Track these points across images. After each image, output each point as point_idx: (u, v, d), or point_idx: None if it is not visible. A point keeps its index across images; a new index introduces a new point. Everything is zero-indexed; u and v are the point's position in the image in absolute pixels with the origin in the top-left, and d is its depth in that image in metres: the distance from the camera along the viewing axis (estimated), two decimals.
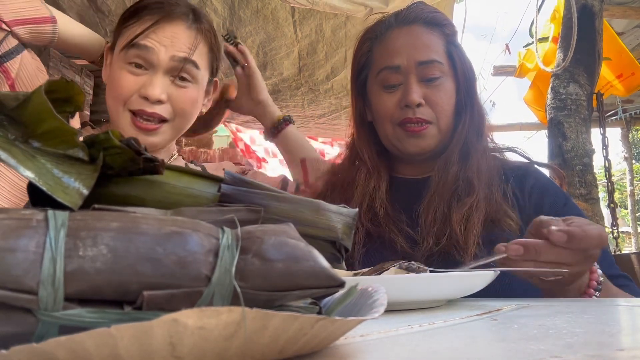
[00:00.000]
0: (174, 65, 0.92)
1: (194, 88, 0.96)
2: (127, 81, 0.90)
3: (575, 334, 0.32)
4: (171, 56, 0.91)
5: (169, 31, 0.92)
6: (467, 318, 0.43)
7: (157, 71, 0.91)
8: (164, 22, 0.92)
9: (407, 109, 0.92)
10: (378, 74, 0.96)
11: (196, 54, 0.95)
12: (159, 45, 0.90)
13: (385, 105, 0.95)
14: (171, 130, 0.96)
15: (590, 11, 2.48)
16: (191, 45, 0.94)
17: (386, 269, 0.62)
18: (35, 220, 0.23)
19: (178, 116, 0.95)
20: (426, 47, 0.93)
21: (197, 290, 0.24)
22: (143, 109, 0.90)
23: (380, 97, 0.96)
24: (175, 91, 0.93)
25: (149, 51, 0.90)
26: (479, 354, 0.28)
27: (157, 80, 0.91)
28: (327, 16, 1.67)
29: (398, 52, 0.93)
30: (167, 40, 0.91)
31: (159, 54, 0.90)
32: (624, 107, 5.25)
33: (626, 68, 3.36)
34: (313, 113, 2.25)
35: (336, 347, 0.29)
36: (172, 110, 0.93)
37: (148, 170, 0.30)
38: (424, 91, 0.92)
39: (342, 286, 0.27)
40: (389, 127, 0.95)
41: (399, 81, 0.93)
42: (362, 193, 0.97)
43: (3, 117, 0.26)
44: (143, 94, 0.90)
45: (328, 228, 0.37)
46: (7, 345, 0.19)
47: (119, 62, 0.93)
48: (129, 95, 0.91)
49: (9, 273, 0.21)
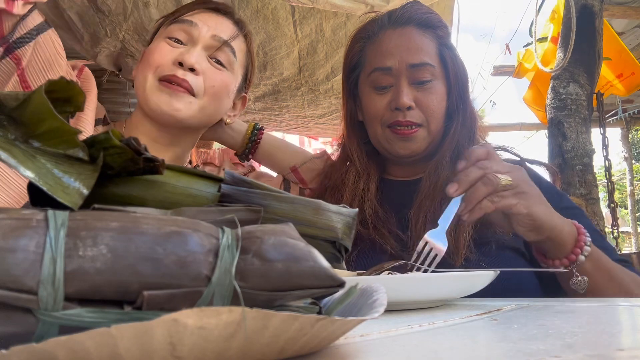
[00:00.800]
0: (213, 44, 0.93)
1: (228, 75, 0.96)
2: (163, 50, 0.90)
3: (575, 334, 0.32)
4: (213, 35, 0.92)
5: (215, 18, 0.95)
6: (467, 318, 0.43)
7: (196, 45, 0.91)
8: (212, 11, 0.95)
9: (397, 112, 0.92)
10: (369, 75, 0.96)
11: (236, 46, 0.96)
12: (202, 24, 0.92)
13: (375, 107, 0.95)
14: (197, 106, 0.92)
15: (590, 11, 2.48)
16: (233, 34, 0.96)
17: (386, 269, 0.62)
18: (35, 220, 0.23)
19: (207, 95, 0.92)
20: (418, 50, 0.93)
21: (197, 290, 0.24)
22: (174, 74, 0.88)
23: (371, 98, 0.96)
24: (210, 68, 0.92)
25: (192, 25, 0.91)
26: (479, 354, 0.28)
27: (196, 51, 0.91)
28: (327, 16, 1.67)
29: (390, 53, 0.93)
30: (212, 22, 0.93)
31: (201, 30, 0.92)
32: (624, 107, 5.25)
33: (626, 68, 3.36)
34: (313, 113, 2.25)
35: (336, 347, 0.29)
36: (203, 85, 0.91)
37: (148, 170, 0.30)
38: (414, 94, 0.92)
39: (342, 286, 0.27)
40: (379, 129, 0.95)
41: (390, 83, 0.93)
42: (351, 194, 0.96)
43: (3, 117, 0.26)
44: (178, 59, 0.89)
45: (328, 228, 0.37)
46: (7, 345, 0.19)
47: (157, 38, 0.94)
48: (162, 63, 0.89)
49: (9, 273, 0.21)
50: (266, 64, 1.83)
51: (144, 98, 0.91)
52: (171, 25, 0.93)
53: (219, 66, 0.94)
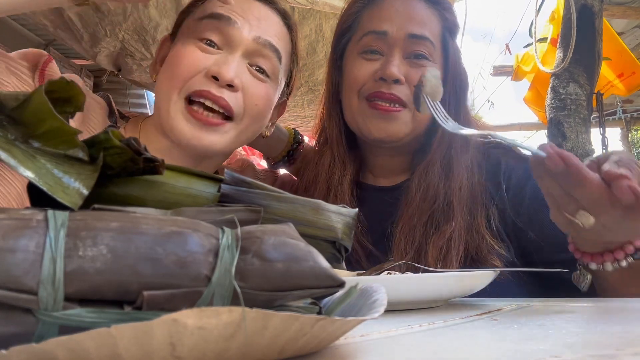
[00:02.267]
0: (256, 49, 0.74)
1: (271, 86, 0.77)
2: (193, 57, 0.71)
3: (575, 334, 0.32)
4: (255, 37, 0.73)
5: (258, 12, 0.75)
6: (467, 318, 0.43)
7: (235, 51, 0.72)
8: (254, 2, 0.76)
9: (381, 82, 0.79)
10: (361, 38, 0.83)
11: (282, 47, 0.78)
12: (243, 20, 0.72)
13: (358, 73, 0.81)
14: (235, 132, 0.74)
15: (590, 11, 2.48)
16: (279, 35, 0.76)
17: (386, 269, 0.62)
18: (35, 221, 0.23)
19: (247, 115, 0.74)
20: (421, 22, 0.81)
21: (197, 290, 0.24)
22: (209, 90, 0.70)
23: (356, 62, 0.83)
24: (251, 81, 0.74)
25: (230, 24, 0.72)
26: (479, 354, 0.28)
27: (234, 60, 0.71)
28: (326, 16, 1.67)
29: (389, 17, 0.81)
30: (253, 18, 0.74)
31: (242, 30, 0.72)
32: (623, 107, 5.25)
33: (627, 67, 3.36)
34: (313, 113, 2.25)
35: (336, 347, 0.29)
36: (244, 104, 0.73)
37: (148, 170, 0.30)
38: (406, 69, 0.80)
39: (342, 286, 0.27)
40: (354, 100, 0.82)
41: (382, 49, 0.81)
42: (325, 182, 0.85)
43: (3, 117, 0.26)
44: (213, 71, 0.70)
45: (328, 228, 0.37)
46: (7, 345, 0.19)
47: (185, 38, 0.74)
48: (192, 74, 0.70)
49: (9, 273, 0.21)
50: None
51: (168, 123, 0.72)
52: (203, 21, 0.73)
53: (261, 76, 0.75)
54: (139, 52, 1.87)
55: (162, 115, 0.73)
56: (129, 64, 2.01)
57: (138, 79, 2.14)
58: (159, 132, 0.76)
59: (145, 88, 2.65)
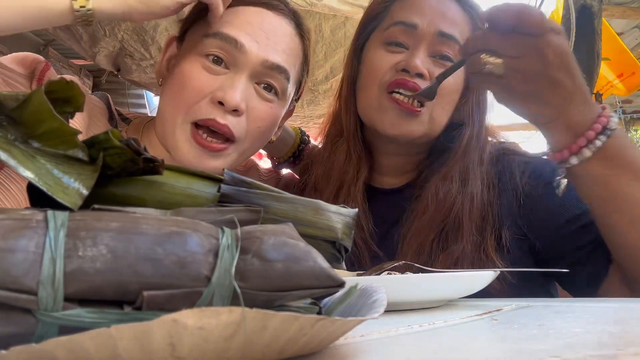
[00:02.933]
0: (263, 71, 0.72)
1: (279, 105, 0.76)
2: (199, 80, 0.70)
3: (575, 334, 0.32)
4: (263, 60, 0.71)
5: (268, 24, 0.73)
6: (467, 318, 0.43)
7: (241, 73, 0.71)
8: (263, 12, 0.73)
9: (403, 73, 0.77)
10: (388, 28, 0.80)
11: (291, 63, 0.76)
12: (251, 42, 0.71)
13: (379, 63, 0.79)
14: (237, 154, 0.75)
15: (589, 11, 2.48)
16: (289, 49, 0.75)
17: (386, 269, 0.62)
18: (34, 221, 0.23)
19: (250, 136, 0.74)
20: (453, 21, 0.79)
21: (197, 290, 0.24)
22: (214, 119, 0.69)
23: (378, 53, 0.80)
24: (258, 103, 0.73)
25: (237, 47, 0.70)
26: (479, 354, 0.28)
27: (240, 83, 0.71)
28: (326, 17, 1.67)
29: (421, 11, 0.79)
30: (262, 35, 0.72)
31: (248, 54, 0.70)
32: (622, 107, 5.26)
33: (627, 67, 3.36)
34: (312, 113, 2.25)
35: (336, 347, 0.29)
36: (246, 127, 0.73)
37: (148, 171, 0.30)
38: (430, 67, 0.78)
39: (342, 286, 0.27)
40: (374, 91, 0.79)
41: (407, 43, 0.79)
42: (337, 179, 0.83)
43: (3, 117, 0.26)
44: (219, 97, 0.69)
45: (328, 228, 0.37)
46: (7, 345, 0.19)
47: (192, 55, 0.72)
48: (199, 99, 0.70)
49: (8, 273, 0.21)
50: None
51: (172, 143, 0.72)
52: (209, 39, 0.71)
53: (268, 95, 0.74)
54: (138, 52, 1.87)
55: (167, 133, 0.73)
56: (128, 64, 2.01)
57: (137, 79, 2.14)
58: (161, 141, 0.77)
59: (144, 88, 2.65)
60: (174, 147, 0.72)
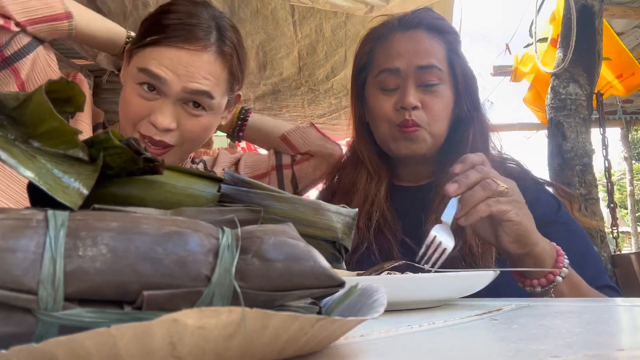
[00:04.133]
0: (185, 96, 0.87)
1: (208, 116, 0.92)
2: (137, 105, 0.87)
3: (575, 334, 0.32)
4: (183, 87, 0.86)
5: (186, 60, 0.86)
6: (467, 318, 0.43)
7: (169, 99, 0.87)
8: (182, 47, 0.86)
9: (403, 111, 0.92)
10: (377, 76, 0.96)
11: (212, 84, 0.89)
12: (172, 75, 0.85)
13: (382, 107, 0.95)
14: (179, 153, 0.93)
15: (590, 11, 2.48)
16: (208, 74, 0.88)
17: (386, 269, 0.62)
18: (35, 220, 0.23)
19: (187, 141, 0.92)
20: (427, 53, 0.94)
21: (197, 290, 0.24)
22: (151, 136, 0.87)
23: (378, 98, 0.96)
24: (187, 120, 0.89)
25: (160, 81, 0.85)
26: (479, 354, 0.28)
27: (167, 108, 0.87)
28: (327, 16, 1.67)
29: (399, 55, 0.94)
30: (182, 69, 0.86)
31: (170, 85, 0.85)
32: (623, 107, 5.25)
33: (626, 68, 3.36)
34: (313, 113, 2.25)
35: (336, 347, 0.29)
36: (181, 137, 0.90)
37: (148, 170, 0.30)
38: (421, 96, 0.93)
39: (342, 286, 0.27)
40: (385, 127, 0.96)
41: (397, 84, 0.94)
42: (362, 197, 0.97)
43: (3, 117, 0.26)
44: (152, 121, 0.86)
45: (328, 228, 0.37)
46: (7, 345, 0.19)
47: (131, 80, 0.89)
48: (139, 120, 0.88)
49: (9, 273, 0.21)
50: (266, 64, 1.83)
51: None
52: (140, 74, 0.86)
53: (196, 111, 0.89)
54: None
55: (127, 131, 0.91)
56: None
57: None
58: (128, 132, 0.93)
59: None
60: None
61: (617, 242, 3.46)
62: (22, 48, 0.83)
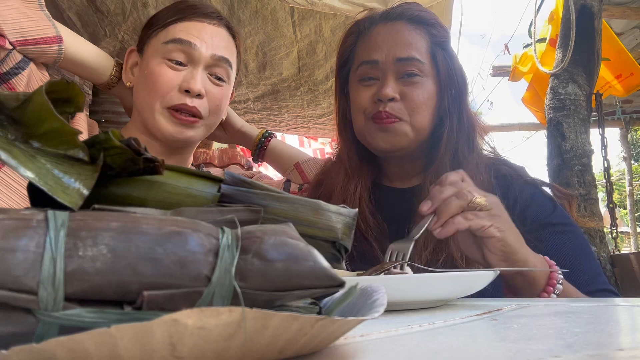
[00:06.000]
0: (213, 62, 0.95)
1: (227, 87, 1.00)
2: (166, 76, 0.92)
3: (575, 334, 0.32)
4: (212, 54, 0.94)
5: (209, 31, 0.95)
6: (467, 318, 0.43)
7: (198, 66, 0.93)
8: (205, 22, 0.95)
9: (379, 103, 0.90)
10: (357, 68, 0.95)
11: (231, 54, 0.99)
12: (201, 42, 0.93)
13: (360, 98, 0.93)
14: (204, 127, 0.98)
15: (589, 11, 2.48)
16: (227, 45, 0.98)
17: (386, 269, 0.62)
18: (35, 221, 0.23)
19: (212, 113, 0.97)
20: (406, 44, 0.91)
21: (197, 290, 0.24)
22: (185, 103, 0.92)
23: (357, 90, 0.94)
24: (212, 88, 0.96)
25: (192, 47, 0.92)
26: (479, 354, 0.28)
27: (198, 74, 0.93)
28: (326, 16, 1.67)
29: (378, 47, 0.92)
30: (208, 37, 0.94)
31: (201, 50, 0.93)
32: (622, 107, 5.26)
33: (625, 68, 3.36)
34: (313, 113, 2.25)
35: (336, 347, 0.29)
36: (208, 106, 0.96)
37: (148, 171, 0.30)
38: (400, 87, 0.90)
39: (342, 286, 0.27)
40: (361, 120, 0.93)
41: (377, 76, 0.92)
42: (340, 198, 0.94)
43: (3, 117, 0.26)
44: (185, 87, 0.91)
45: (328, 228, 0.37)
46: (7, 345, 0.19)
47: (156, 58, 0.93)
48: (170, 90, 0.92)
49: (9, 273, 0.21)
50: (265, 64, 1.83)
51: (154, 125, 0.94)
52: (169, 45, 0.92)
53: (218, 82, 0.97)
54: None
55: (148, 119, 0.95)
56: None
57: None
58: (139, 131, 0.98)
59: None
60: (156, 127, 0.94)
61: (616, 242, 3.47)
62: (17, 64, 0.86)
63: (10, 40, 0.84)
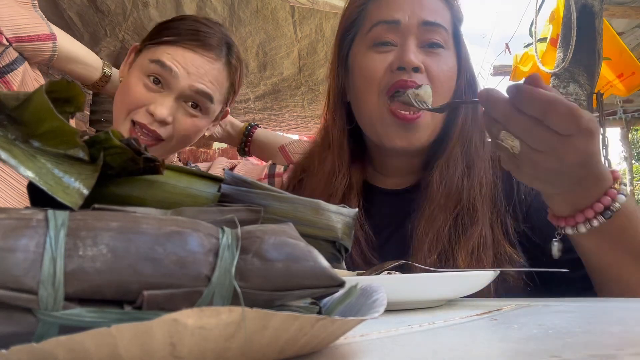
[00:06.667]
0: (190, 94, 0.92)
1: (203, 119, 0.97)
2: (139, 93, 0.91)
3: (575, 334, 0.32)
4: (190, 85, 0.91)
5: (199, 61, 0.92)
6: (467, 318, 0.43)
7: (172, 93, 0.91)
8: (198, 53, 0.92)
9: (400, 72, 0.73)
10: (370, 30, 0.78)
11: (215, 89, 0.95)
12: (183, 71, 0.91)
13: (373, 67, 0.76)
14: (166, 149, 0.96)
15: (590, 11, 2.48)
16: (214, 80, 0.94)
17: (386, 269, 0.62)
18: (35, 220, 0.23)
19: (177, 140, 0.95)
20: (433, 9, 0.77)
21: (197, 290, 0.24)
22: (145, 124, 0.90)
23: (368, 57, 0.77)
24: (183, 117, 0.94)
25: (171, 74, 0.90)
26: (479, 354, 0.28)
27: (169, 102, 0.91)
28: (327, 16, 1.67)
29: (400, 6, 0.76)
30: (193, 68, 0.91)
31: (179, 79, 0.90)
32: (623, 107, 5.25)
33: (627, 67, 3.36)
34: (313, 113, 2.25)
35: (336, 347, 0.29)
36: (173, 133, 0.93)
37: (148, 170, 0.30)
38: (423, 58, 0.75)
39: (342, 286, 0.27)
40: (374, 99, 0.76)
41: (395, 40, 0.76)
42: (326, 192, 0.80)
43: (3, 117, 0.26)
44: (151, 110, 0.90)
45: (328, 228, 0.37)
46: (7, 345, 0.19)
47: (139, 70, 0.93)
48: (136, 107, 0.91)
49: (9, 273, 0.21)
50: (266, 63, 1.83)
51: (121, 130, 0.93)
52: (151, 65, 0.91)
53: (193, 111, 0.94)
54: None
55: (114, 122, 0.96)
56: None
57: None
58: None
59: None
60: (122, 132, 0.91)
61: None
62: (13, 61, 0.88)
63: (7, 36, 0.85)
